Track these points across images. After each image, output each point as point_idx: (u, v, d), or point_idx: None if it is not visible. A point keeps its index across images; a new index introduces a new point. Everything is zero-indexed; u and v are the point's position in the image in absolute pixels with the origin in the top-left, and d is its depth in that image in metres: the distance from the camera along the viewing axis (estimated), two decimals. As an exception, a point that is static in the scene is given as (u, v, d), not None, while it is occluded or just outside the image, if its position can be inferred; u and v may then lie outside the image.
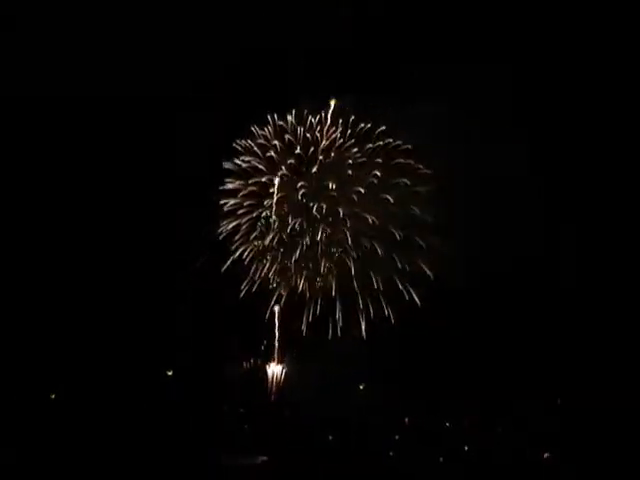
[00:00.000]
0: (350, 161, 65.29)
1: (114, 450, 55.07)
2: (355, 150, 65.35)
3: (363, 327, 64.07)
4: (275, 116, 66.31)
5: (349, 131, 65.24)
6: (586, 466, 55.70)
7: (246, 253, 65.92)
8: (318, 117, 65.74)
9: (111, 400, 62.09)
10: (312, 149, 65.83)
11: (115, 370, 63.87)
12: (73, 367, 63.74)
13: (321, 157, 65.52)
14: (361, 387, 67.63)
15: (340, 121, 65.08)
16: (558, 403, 64.83)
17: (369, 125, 65.00)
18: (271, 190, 65.88)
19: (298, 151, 65.59)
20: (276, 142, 66.08)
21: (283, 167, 66.01)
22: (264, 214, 65.46)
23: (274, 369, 67.76)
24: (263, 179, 66.34)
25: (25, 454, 52.91)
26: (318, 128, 65.60)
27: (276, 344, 67.00)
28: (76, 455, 53.94)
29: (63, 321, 64.28)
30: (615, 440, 57.15)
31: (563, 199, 66.39)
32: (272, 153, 66.33)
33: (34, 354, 62.50)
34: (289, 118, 66.05)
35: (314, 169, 65.38)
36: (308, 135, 65.35)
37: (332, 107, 65.63)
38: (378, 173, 64.85)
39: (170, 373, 67.60)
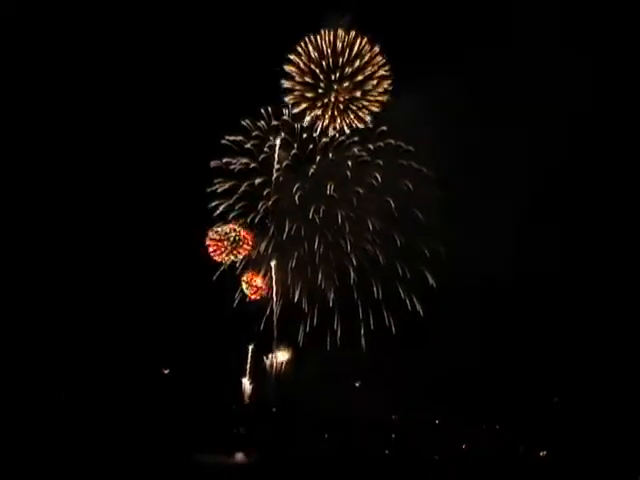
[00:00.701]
0: (350, 162, 61.85)
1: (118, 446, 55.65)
2: (356, 150, 61.81)
3: (362, 337, 62.67)
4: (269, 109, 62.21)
5: (348, 131, 61.32)
6: (582, 464, 56.71)
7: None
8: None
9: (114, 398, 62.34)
10: (310, 147, 62.28)
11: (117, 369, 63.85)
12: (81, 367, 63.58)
13: (319, 157, 62.08)
14: (357, 385, 67.26)
15: (338, 120, 60.71)
16: (554, 401, 65.00)
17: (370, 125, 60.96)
18: (266, 191, 62.76)
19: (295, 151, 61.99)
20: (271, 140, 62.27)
21: (279, 166, 62.51)
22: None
23: (272, 367, 67.17)
24: (257, 180, 62.91)
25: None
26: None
27: (274, 346, 66.01)
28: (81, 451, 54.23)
29: (67, 323, 63.54)
30: (611, 438, 57.89)
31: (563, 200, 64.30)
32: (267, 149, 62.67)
33: (42, 356, 62.37)
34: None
35: (311, 170, 61.96)
36: (305, 135, 61.49)
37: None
38: (378, 176, 61.50)
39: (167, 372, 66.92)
